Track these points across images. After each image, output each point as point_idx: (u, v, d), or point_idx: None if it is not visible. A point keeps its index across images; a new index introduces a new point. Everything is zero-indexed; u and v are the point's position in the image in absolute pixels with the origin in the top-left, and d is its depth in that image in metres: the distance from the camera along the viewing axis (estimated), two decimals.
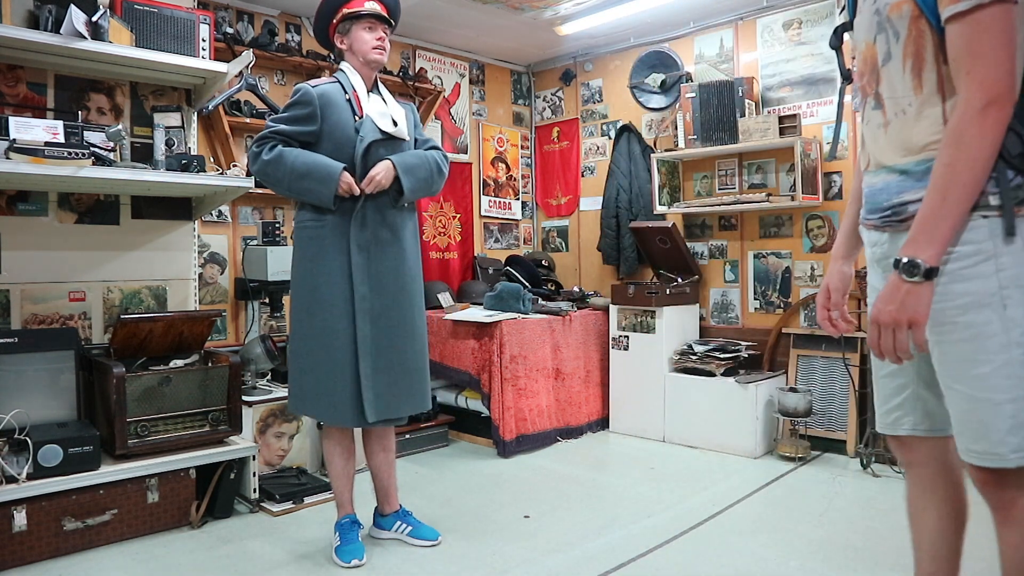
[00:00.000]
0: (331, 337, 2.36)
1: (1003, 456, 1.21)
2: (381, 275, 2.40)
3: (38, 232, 2.93)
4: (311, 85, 2.41)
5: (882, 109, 1.35)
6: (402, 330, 2.44)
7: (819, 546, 2.51)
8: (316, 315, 2.38)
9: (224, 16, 3.64)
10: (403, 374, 2.44)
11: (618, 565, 2.38)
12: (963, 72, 1.18)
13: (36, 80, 2.94)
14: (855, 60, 1.45)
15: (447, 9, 3.97)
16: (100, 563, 2.43)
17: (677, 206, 4.18)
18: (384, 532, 2.62)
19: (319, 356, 2.37)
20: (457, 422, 4.04)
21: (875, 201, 1.37)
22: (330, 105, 2.38)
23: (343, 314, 2.36)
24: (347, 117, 2.39)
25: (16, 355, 2.62)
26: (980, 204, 1.19)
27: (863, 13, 1.39)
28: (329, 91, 2.40)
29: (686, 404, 3.85)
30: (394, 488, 2.63)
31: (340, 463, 2.50)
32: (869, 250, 1.45)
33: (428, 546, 2.55)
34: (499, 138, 5.04)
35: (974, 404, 1.23)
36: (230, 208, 3.64)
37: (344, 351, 2.35)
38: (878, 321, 1.25)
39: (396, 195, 2.43)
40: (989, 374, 1.21)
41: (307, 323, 2.40)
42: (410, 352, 2.46)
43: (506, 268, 4.54)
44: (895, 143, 1.32)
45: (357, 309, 2.35)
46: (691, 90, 3.98)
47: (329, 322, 2.36)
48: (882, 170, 1.35)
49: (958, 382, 1.25)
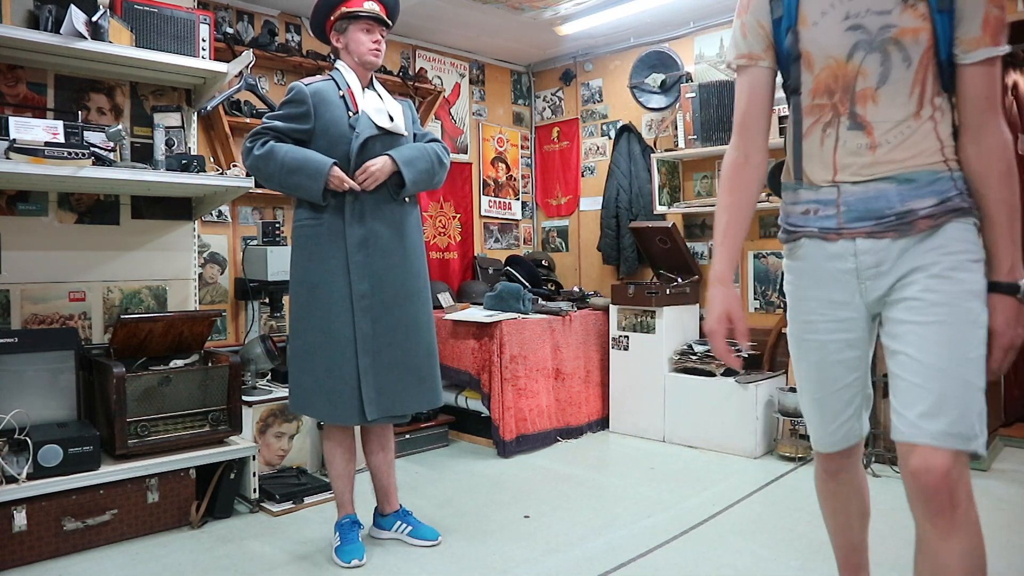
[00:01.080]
0: (331, 336, 2.34)
1: (974, 439, 1.25)
2: (381, 272, 2.38)
3: (38, 232, 2.93)
4: (304, 83, 2.40)
5: (865, 130, 1.34)
6: (404, 327, 2.42)
7: (819, 546, 2.51)
8: (315, 314, 2.36)
9: (224, 16, 3.64)
10: (406, 371, 2.42)
11: (618, 565, 2.38)
12: (989, 110, 1.29)
13: (36, 80, 2.94)
14: (799, 74, 1.40)
15: (447, 9, 3.97)
16: (100, 563, 2.43)
17: (677, 206, 4.18)
18: (384, 532, 2.62)
19: (319, 355, 2.36)
20: (457, 422, 4.04)
21: (870, 209, 1.36)
22: (324, 103, 2.37)
23: (342, 312, 2.35)
24: (341, 114, 2.37)
25: (16, 355, 2.62)
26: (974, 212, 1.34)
27: (826, 27, 1.35)
28: (323, 89, 2.39)
29: (686, 404, 3.85)
30: (394, 488, 2.63)
31: (341, 463, 2.49)
32: (845, 261, 1.39)
33: (428, 546, 2.55)
34: (499, 138, 5.04)
35: (964, 387, 1.26)
36: (230, 208, 3.64)
37: (344, 349, 2.34)
38: (1014, 345, 1.31)
39: (396, 188, 2.41)
40: (977, 359, 1.27)
41: (306, 322, 2.39)
42: (414, 349, 2.44)
43: (506, 268, 4.54)
44: (891, 159, 1.34)
45: (356, 307, 2.34)
46: (691, 90, 3.98)
47: (329, 320, 2.35)
48: (874, 181, 1.35)
49: (954, 364, 1.27)
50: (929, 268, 1.30)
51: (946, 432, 1.25)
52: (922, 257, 1.31)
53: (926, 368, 1.28)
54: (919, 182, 1.32)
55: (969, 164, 1.32)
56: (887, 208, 1.34)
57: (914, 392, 1.28)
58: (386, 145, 2.42)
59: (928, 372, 1.27)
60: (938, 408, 1.26)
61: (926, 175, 1.32)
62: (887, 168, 1.33)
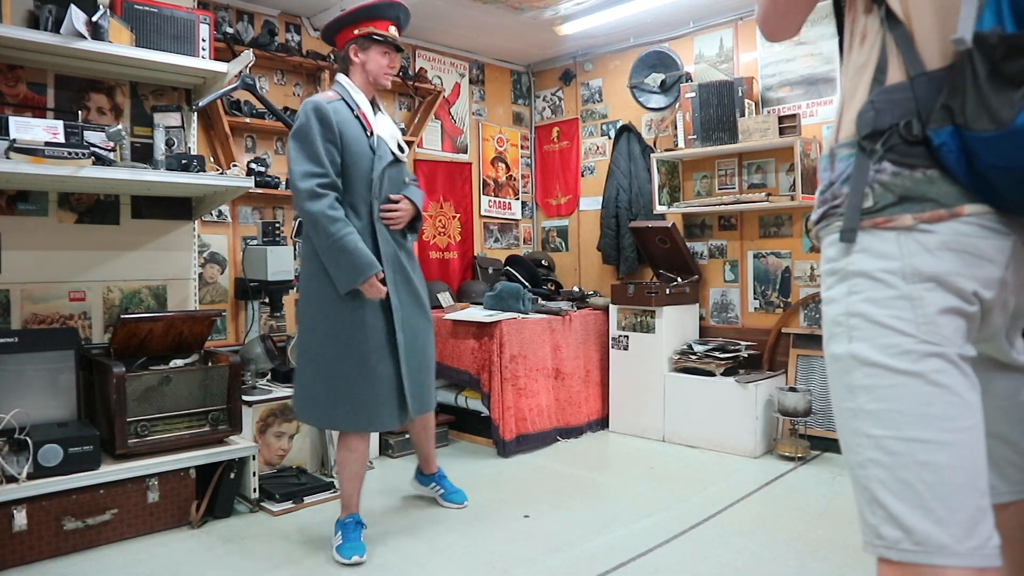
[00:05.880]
0: (371, 352, 2.45)
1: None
2: (403, 288, 2.58)
3: (38, 232, 2.93)
4: (324, 101, 2.46)
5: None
6: (424, 335, 2.66)
7: (819, 546, 2.51)
8: (340, 325, 2.44)
9: (224, 16, 3.64)
10: (427, 374, 2.67)
11: (618, 565, 2.38)
12: None
13: (36, 80, 2.94)
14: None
15: (447, 9, 3.97)
16: (100, 563, 2.43)
17: (677, 206, 4.18)
18: (423, 488, 2.99)
19: (361, 374, 2.44)
20: (457, 422, 4.04)
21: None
22: (344, 121, 2.47)
23: (377, 322, 2.47)
24: (359, 133, 2.49)
25: (16, 355, 2.62)
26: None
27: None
28: (339, 108, 2.48)
29: (686, 404, 3.85)
30: (433, 454, 2.96)
31: (355, 467, 2.54)
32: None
33: (457, 508, 2.89)
34: (499, 138, 5.04)
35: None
36: (230, 208, 3.64)
37: (385, 361, 2.48)
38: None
39: (407, 230, 2.63)
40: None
41: (326, 333, 2.45)
42: (429, 354, 2.70)
43: (506, 268, 4.54)
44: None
45: (396, 319, 2.51)
46: (691, 90, 3.98)
47: (362, 331, 2.44)
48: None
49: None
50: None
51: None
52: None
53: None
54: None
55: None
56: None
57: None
58: (395, 171, 2.59)
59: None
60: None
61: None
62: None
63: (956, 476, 0.86)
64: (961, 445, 0.87)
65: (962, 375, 0.89)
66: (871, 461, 0.90)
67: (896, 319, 0.90)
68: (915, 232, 0.89)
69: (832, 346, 0.97)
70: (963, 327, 0.91)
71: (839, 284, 0.96)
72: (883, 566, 0.90)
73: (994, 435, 1.01)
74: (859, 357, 0.92)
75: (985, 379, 0.97)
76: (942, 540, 0.85)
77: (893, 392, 0.89)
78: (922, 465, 0.86)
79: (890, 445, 0.88)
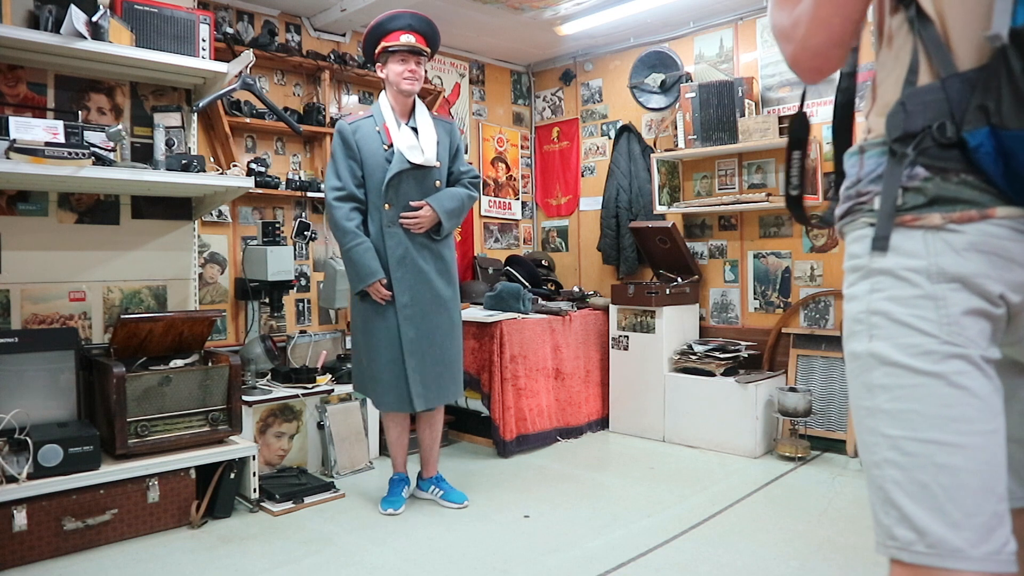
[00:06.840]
0: (379, 345, 2.79)
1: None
2: (419, 285, 2.78)
3: (38, 232, 2.93)
4: (348, 122, 2.81)
5: None
6: (443, 331, 2.84)
7: (819, 546, 2.51)
8: (370, 321, 2.80)
9: (224, 16, 3.64)
10: (445, 368, 2.85)
11: (618, 565, 2.38)
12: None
13: (36, 80, 2.94)
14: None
15: (447, 9, 3.97)
16: (100, 563, 2.43)
17: (677, 206, 4.18)
18: (423, 492, 3.04)
19: (375, 354, 2.80)
20: (457, 422, 4.04)
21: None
22: (364, 138, 2.79)
23: (390, 320, 2.78)
24: (377, 147, 2.79)
25: (16, 355, 2.62)
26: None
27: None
28: (363, 125, 2.81)
29: (686, 404, 3.85)
30: (434, 458, 3.04)
31: (395, 433, 2.98)
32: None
33: (457, 508, 2.92)
34: (499, 138, 5.04)
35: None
36: (230, 208, 3.64)
37: (394, 351, 2.77)
38: None
39: (434, 232, 2.85)
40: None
41: (363, 328, 2.84)
42: (450, 349, 2.88)
43: (506, 268, 4.54)
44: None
45: (400, 316, 2.76)
46: (691, 90, 3.98)
47: (382, 327, 2.79)
48: None
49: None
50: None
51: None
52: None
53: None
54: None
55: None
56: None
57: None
58: (418, 177, 2.80)
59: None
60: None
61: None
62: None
63: (973, 480, 0.84)
64: (980, 448, 0.85)
65: (985, 377, 0.87)
66: (887, 461, 0.88)
67: (919, 319, 0.88)
68: (943, 232, 0.87)
69: (852, 344, 0.95)
70: (988, 329, 0.89)
71: (862, 281, 0.94)
72: (895, 568, 0.89)
73: (1015, 439, 0.99)
74: (879, 356, 0.90)
75: (1009, 383, 0.96)
76: (956, 544, 0.83)
77: (913, 392, 0.87)
78: (939, 467, 0.85)
79: (907, 446, 0.87)
